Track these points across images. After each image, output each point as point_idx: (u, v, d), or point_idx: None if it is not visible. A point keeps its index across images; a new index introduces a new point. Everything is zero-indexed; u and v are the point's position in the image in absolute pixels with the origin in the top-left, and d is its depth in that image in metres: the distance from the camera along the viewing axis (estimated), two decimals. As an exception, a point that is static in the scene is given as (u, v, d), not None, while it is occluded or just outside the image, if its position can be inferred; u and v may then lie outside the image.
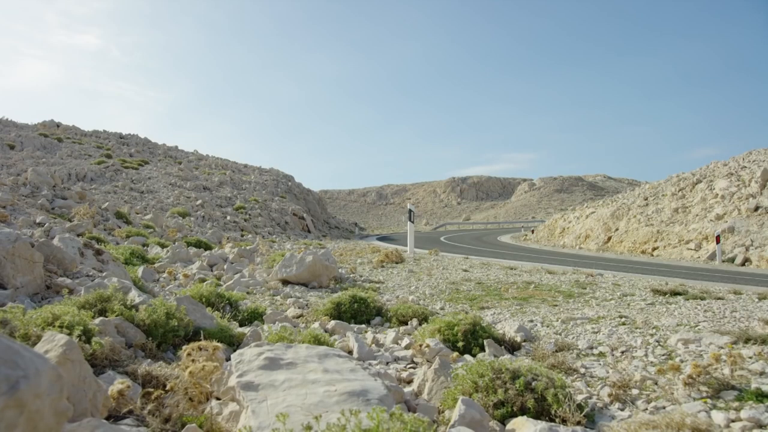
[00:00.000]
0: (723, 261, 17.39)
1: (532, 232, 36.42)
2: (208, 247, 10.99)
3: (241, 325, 3.89)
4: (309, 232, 22.63)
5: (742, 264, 16.83)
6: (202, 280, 5.61)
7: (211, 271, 6.58)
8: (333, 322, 3.68)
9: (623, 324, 3.68)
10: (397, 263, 9.58)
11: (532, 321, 4.01)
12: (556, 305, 4.68)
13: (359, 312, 4.07)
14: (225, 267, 6.54)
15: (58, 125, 33.49)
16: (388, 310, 4.13)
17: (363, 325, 3.92)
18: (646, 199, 26.45)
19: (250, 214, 20.52)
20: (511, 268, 8.46)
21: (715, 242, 17.92)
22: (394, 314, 4.04)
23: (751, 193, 20.63)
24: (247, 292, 5.43)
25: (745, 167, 22.99)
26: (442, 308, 4.83)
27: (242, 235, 17.19)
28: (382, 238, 27.96)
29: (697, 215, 21.81)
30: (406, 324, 3.91)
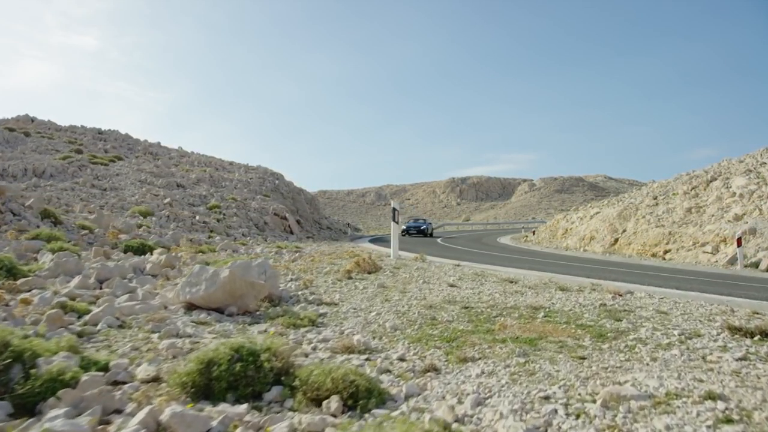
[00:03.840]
0: (745, 266, 15.53)
1: (533, 233, 34.59)
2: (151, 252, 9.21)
3: (17, 407, 2.11)
4: (291, 233, 20.82)
5: (768, 270, 14.94)
6: (62, 306, 3.82)
7: (101, 287, 4.80)
8: (171, 410, 1.90)
9: (727, 421, 1.91)
10: (370, 273, 7.79)
11: (547, 398, 2.24)
12: (584, 357, 2.89)
13: (243, 379, 2.30)
14: (116, 283, 4.75)
15: (32, 120, 31.69)
16: (296, 376, 2.35)
17: (242, 407, 2.15)
18: (655, 198, 24.65)
19: (224, 214, 18.71)
20: (511, 282, 6.64)
21: (735, 245, 16.04)
22: (304, 384, 2.27)
23: (774, 192, 18.75)
24: (120, 325, 3.65)
25: (765, 163, 21.21)
26: (402, 357, 3.05)
27: (209, 237, 15.39)
28: (376, 240, 26.18)
29: (712, 215, 19.99)
30: (320, 405, 2.15)
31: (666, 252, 19.90)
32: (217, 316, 4.16)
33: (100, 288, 4.84)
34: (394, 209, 11.39)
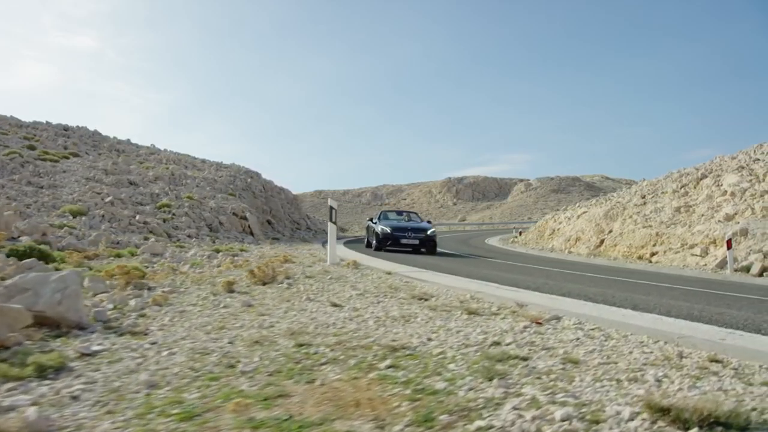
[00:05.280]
0: (735, 270, 14.16)
1: (520, 233, 33.18)
2: (45, 257, 7.80)
3: None
4: (252, 233, 19.41)
5: (760, 274, 13.61)
6: None
7: None
8: None
9: None
10: (265, 284, 6.39)
11: None
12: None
13: None
14: None
15: (-6, 116, 30.29)
16: None
17: None
18: (643, 197, 23.24)
19: (174, 214, 17.29)
20: (421, 299, 5.21)
21: (725, 247, 14.63)
22: None
23: (766, 189, 17.35)
24: None
25: (758, 160, 19.79)
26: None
27: (146, 239, 13.97)
28: (355, 241, 24.84)
29: (702, 215, 18.55)
30: None
31: (653, 254, 18.48)
32: None
33: None
34: (331, 208, 9.97)
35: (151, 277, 7.35)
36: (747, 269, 13.73)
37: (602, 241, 22.33)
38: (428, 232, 14.71)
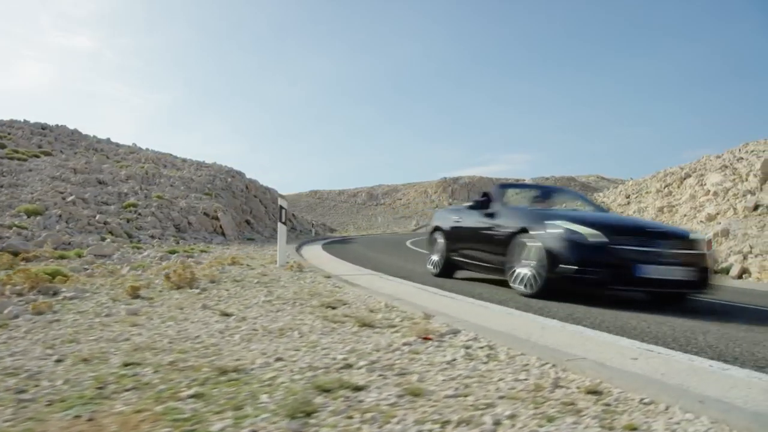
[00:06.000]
0: (715, 272, 13.57)
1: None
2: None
3: None
4: (223, 234, 18.89)
5: (739, 276, 13.08)
6: None
7: None
8: None
9: None
10: (179, 287, 5.88)
11: None
12: None
13: None
14: None
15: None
16: None
17: None
18: (628, 197, 22.75)
19: (140, 213, 16.77)
20: (332, 307, 4.70)
21: (705, 249, 13.97)
22: None
23: (749, 189, 16.84)
24: None
25: (742, 159, 19.30)
26: None
27: (102, 239, 13.46)
28: (336, 242, 24.32)
29: (685, 215, 18.05)
30: None
31: (634, 256, 17.96)
32: None
33: None
34: (281, 208, 9.46)
35: (76, 280, 6.87)
36: (726, 271, 13.23)
37: (585, 242, 21.82)
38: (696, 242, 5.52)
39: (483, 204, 7.01)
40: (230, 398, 2.24)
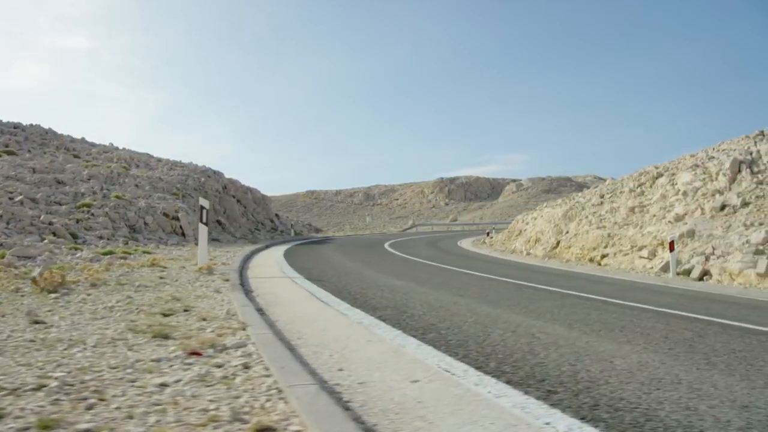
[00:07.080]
0: (678, 273, 13.16)
1: (488, 234, 32.15)
2: None
3: None
4: (183, 234, 18.46)
5: (700, 278, 12.57)
6: None
7: None
8: None
9: None
10: (51, 291, 5.45)
11: None
12: None
13: None
14: None
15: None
16: None
17: None
18: (602, 196, 22.25)
19: (93, 214, 16.35)
20: (168, 316, 4.26)
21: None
22: None
23: (717, 189, 16.33)
24: None
25: (713, 157, 18.80)
26: None
27: (42, 240, 13.04)
28: (320, 243, 23.86)
29: (654, 215, 17.55)
30: None
31: (603, 256, 17.47)
32: None
33: None
34: (201, 207, 9.02)
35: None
36: (688, 273, 12.78)
37: (558, 243, 21.37)
38: None
39: None
40: None
